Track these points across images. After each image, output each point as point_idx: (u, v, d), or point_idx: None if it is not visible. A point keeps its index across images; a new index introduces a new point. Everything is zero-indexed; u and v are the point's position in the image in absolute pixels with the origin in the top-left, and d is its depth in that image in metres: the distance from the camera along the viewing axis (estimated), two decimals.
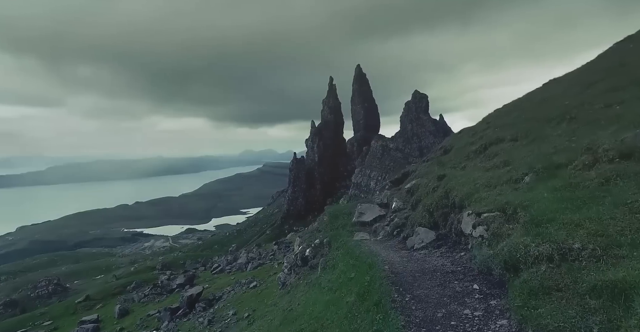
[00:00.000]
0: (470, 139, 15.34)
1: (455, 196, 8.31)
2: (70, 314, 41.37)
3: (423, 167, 15.39)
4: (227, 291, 29.94)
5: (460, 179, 9.32)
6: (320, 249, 12.54)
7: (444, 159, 14.68)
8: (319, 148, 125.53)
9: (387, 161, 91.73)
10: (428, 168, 14.43)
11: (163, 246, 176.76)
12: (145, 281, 45.38)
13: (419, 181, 12.60)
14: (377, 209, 13.71)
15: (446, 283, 6.02)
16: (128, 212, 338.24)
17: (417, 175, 14.46)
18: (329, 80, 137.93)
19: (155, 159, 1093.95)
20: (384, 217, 12.91)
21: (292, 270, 13.74)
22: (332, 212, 15.81)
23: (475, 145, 13.29)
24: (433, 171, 13.09)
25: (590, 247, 4.40)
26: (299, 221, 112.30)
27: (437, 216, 8.92)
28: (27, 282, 70.99)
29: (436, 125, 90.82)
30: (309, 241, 13.62)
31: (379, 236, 10.96)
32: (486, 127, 15.86)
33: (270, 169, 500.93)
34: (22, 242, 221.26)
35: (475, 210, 6.84)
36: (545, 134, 10.77)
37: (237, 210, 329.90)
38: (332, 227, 13.68)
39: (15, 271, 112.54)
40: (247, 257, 42.09)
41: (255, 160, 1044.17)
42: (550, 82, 20.60)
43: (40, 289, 61.32)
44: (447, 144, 17.86)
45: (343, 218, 14.45)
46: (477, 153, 12.27)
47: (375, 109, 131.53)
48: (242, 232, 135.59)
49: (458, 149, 15.00)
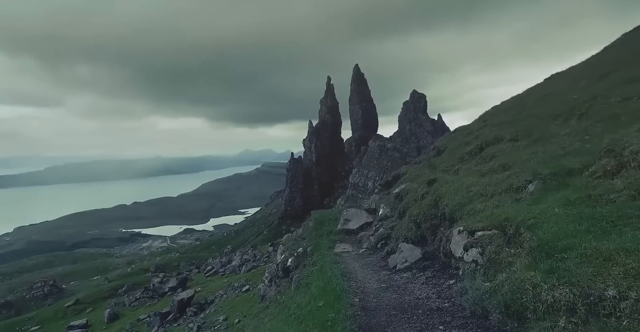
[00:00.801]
0: (465, 139, 14.10)
1: (446, 206, 7.18)
2: (59, 318, 40.42)
3: (414, 170, 14.08)
4: (219, 294, 29.16)
5: (452, 184, 8.16)
6: (303, 258, 11.52)
7: (436, 161, 13.42)
8: (316, 148, 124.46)
9: (384, 161, 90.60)
10: (419, 170, 13.22)
11: (161, 247, 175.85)
12: (138, 284, 44.41)
13: (408, 185, 11.48)
14: (364, 216, 12.79)
15: (428, 328, 4.63)
16: (126, 212, 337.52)
17: (407, 178, 13.14)
18: (327, 80, 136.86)
19: (154, 159, 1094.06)
20: (371, 225, 11.91)
21: (273, 281, 12.64)
22: (317, 217, 14.85)
23: (470, 146, 11.99)
24: (424, 174, 11.99)
25: (633, 296, 2.95)
26: (296, 222, 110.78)
27: (425, 229, 7.79)
28: (23, 283, 70.18)
29: (434, 125, 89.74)
30: (292, 249, 12.63)
31: (362, 247, 9.94)
32: (482, 126, 14.66)
33: (269, 169, 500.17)
34: (20, 242, 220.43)
35: (467, 226, 5.58)
36: (550, 133, 9.46)
37: (236, 210, 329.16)
38: (316, 234, 12.72)
39: (11, 272, 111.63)
40: (241, 259, 41.11)
41: (254, 160, 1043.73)
42: (554, 76, 19.13)
43: (36, 291, 60.48)
44: (440, 145, 16.45)
45: (329, 224, 13.49)
46: (472, 155, 10.99)
47: (373, 109, 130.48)
48: (240, 233, 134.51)
49: (452, 150, 13.67)
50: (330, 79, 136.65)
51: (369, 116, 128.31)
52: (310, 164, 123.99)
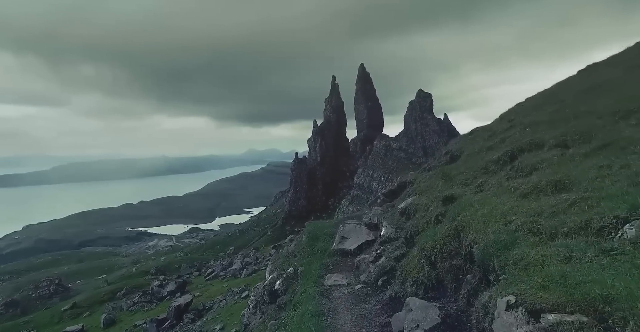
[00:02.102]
0: (486, 143, 11.76)
1: (473, 242, 5.02)
2: (56, 323, 39.89)
3: (424, 179, 11.85)
4: (218, 300, 28.58)
5: (478, 208, 6.01)
6: (293, 281, 10.08)
7: (451, 169, 11.01)
8: (321, 148, 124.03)
9: (390, 161, 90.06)
10: (430, 181, 11.02)
11: (166, 246, 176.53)
12: (137, 287, 43.96)
13: (416, 199, 9.57)
14: (364, 232, 11.01)
15: None
16: (132, 211, 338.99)
17: (415, 189, 11.11)
18: (332, 80, 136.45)
19: (159, 158, 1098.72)
20: (371, 245, 10.24)
21: (258, 308, 10.93)
22: (311, 231, 13.11)
23: (496, 152, 9.64)
24: (436, 185, 9.87)
25: None
26: (300, 222, 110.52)
27: (443, 271, 5.63)
28: (30, 282, 70.53)
29: (440, 124, 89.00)
30: (282, 268, 11.19)
31: (359, 281, 8.17)
32: (508, 127, 12.23)
33: (274, 168, 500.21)
34: (28, 241, 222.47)
35: (524, 298, 3.21)
36: (624, 137, 6.92)
37: (241, 209, 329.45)
38: (309, 251, 11.20)
39: (19, 270, 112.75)
40: (242, 262, 40.47)
41: (259, 159, 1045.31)
42: (593, 67, 16.43)
43: (42, 290, 60.77)
44: (454, 148, 13.83)
45: (323, 240, 11.80)
46: (501, 164, 8.64)
47: (378, 108, 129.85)
48: (245, 233, 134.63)
49: (470, 156, 11.36)
50: (335, 78, 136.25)
51: (374, 116, 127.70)
52: (314, 164, 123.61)
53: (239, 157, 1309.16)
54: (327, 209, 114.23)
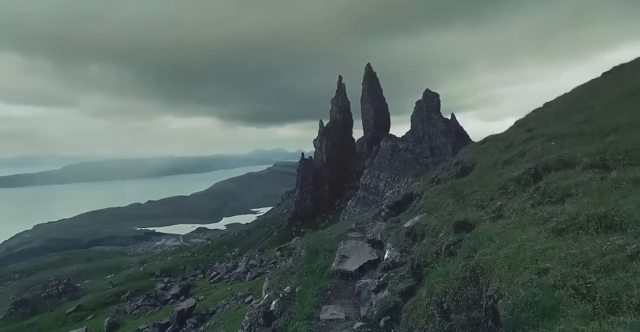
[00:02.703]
0: (502, 155, 10.22)
1: (496, 293, 4.04)
2: (60, 325, 40.07)
3: (432, 193, 10.54)
4: (221, 304, 28.32)
5: (500, 244, 4.93)
6: (290, 301, 9.27)
7: (462, 184, 9.57)
8: (327, 148, 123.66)
9: (396, 162, 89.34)
10: (439, 197, 9.68)
11: (174, 245, 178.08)
12: (141, 289, 43.90)
13: (424, 218, 8.52)
14: (367, 251, 10.09)
15: None
16: (140, 210, 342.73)
17: (423, 206, 9.73)
18: (338, 80, 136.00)
19: (166, 158, 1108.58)
20: (375, 266, 9.31)
21: (252, 330, 10.20)
22: (311, 245, 12.28)
23: (515, 168, 8.19)
24: (446, 204, 8.62)
25: None
26: (306, 223, 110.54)
27: (458, 326, 4.51)
28: (39, 281, 71.37)
29: (448, 124, 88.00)
30: (279, 286, 10.43)
31: (359, 316, 7.23)
32: (528, 138, 10.65)
33: (281, 168, 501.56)
34: (39, 240, 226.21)
35: None
36: None
37: (248, 209, 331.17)
38: (308, 269, 10.44)
39: (29, 269, 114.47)
40: (246, 265, 40.08)
41: (265, 159, 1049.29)
42: (623, 68, 14.97)
43: (51, 289, 61.34)
44: (465, 159, 12.30)
45: (324, 256, 10.97)
46: (523, 184, 7.21)
47: (385, 108, 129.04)
48: (251, 233, 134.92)
49: (484, 170, 9.85)
50: (341, 78, 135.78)
51: (381, 116, 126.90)
52: (320, 165, 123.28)
53: (245, 157, 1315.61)
54: (333, 210, 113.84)
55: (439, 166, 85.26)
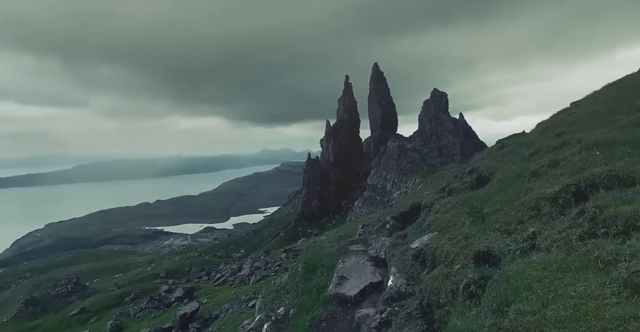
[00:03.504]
0: (528, 164, 8.63)
1: None
2: (64, 328, 40.24)
3: (443, 206, 9.11)
4: (224, 309, 27.30)
5: (545, 300, 3.54)
6: (283, 325, 8.59)
7: (479, 199, 7.90)
8: (333, 148, 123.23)
9: (404, 162, 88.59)
10: (451, 212, 8.26)
11: (182, 245, 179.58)
12: (145, 291, 43.96)
13: (435, 239, 7.26)
14: (369, 270, 9.18)
15: None
16: (149, 210, 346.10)
17: (433, 222, 8.33)
18: (345, 79, 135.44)
19: (175, 158, 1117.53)
20: (377, 289, 8.51)
21: None
22: (308, 259, 11.35)
23: (549, 184, 6.59)
24: (461, 222, 7.27)
25: None
26: (313, 223, 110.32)
27: None
28: (49, 280, 72.25)
29: (456, 124, 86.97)
30: (271, 307, 9.74)
31: None
32: (559, 144, 9.06)
33: (288, 168, 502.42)
34: (50, 239, 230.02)
35: None
36: None
37: (255, 209, 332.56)
38: (304, 288, 9.64)
39: (40, 268, 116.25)
40: (251, 267, 39.84)
41: (273, 159, 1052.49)
42: None
43: (60, 288, 61.90)
44: (481, 167, 10.61)
45: (321, 274, 10.09)
46: (561, 205, 5.71)
47: (392, 108, 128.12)
48: (258, 233, 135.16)
49: (506, 182, 8.18)
50: (348, 78, 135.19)
51: (388, 115, 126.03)
52: (327, 165, 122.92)
53: (253, 157, 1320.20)
54: (340, 210, 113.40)
55: (445, 168, 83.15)
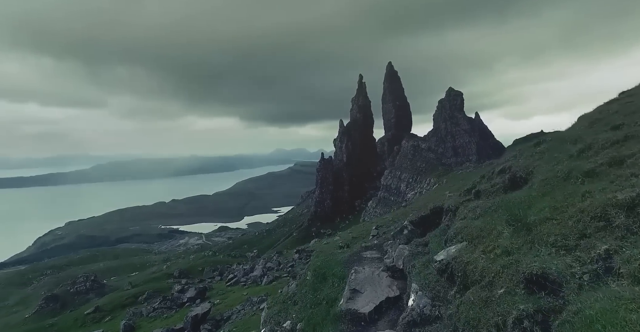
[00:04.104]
0: (578, 163, 7.09)
1: None
2: (78, 326, 41.06)
3: (471, 211, 7.62)
4: (236, 310, 27.32)
5: None
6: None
7: (519, 203, 6.44)
8: (347, 148, 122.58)
9: (418, 162, 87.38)
10: (484, 218, 6.87)
11: (196, 244, 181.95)
12: (158, 291, 44.46)
13: (465, 250, 5.98)
14: (385, 282, 8.21)
15: None
16: (165, 209, 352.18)
17: (460, 230, 6.85)
18: (359, 78, 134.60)
19: (190, 158, 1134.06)
20: (394, 305, 7.54)
21: None
22: (318, 267, 10.36)
23: (617, 187, 5.24)
24: (497, 232, 5.87)
25: None
26: (326, 224, 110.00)
27: None
28: (69, 277, 74.16)
29: (472, 123, 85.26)
30: (277, 320, 9.01)
31: None
32: (621, 138, 7.61)
33: (302, 168, 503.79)
34: (70, 236, 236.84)
35: None
36: None
37: (269, 208, 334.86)
38: (313, 300, 8.79)
39: (60, 265, 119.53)
40: (263, 267, 39.61)
41: (286, 159, 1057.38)
42: None
43: (79, 285, 63.38)
44: (515, 166, 9.09)
45: (332, 284, 9.15)
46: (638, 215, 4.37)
47: (407, 108, 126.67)
48: (271, 232, 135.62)
49: (550, 184, 6.72)
50: (362, 77, 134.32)
51: (403, 115, 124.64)
52: (340, 165, 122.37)
53: (267, 157, 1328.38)
54: (353, 211, 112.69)
55: (461, 168, 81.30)
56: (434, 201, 45.91)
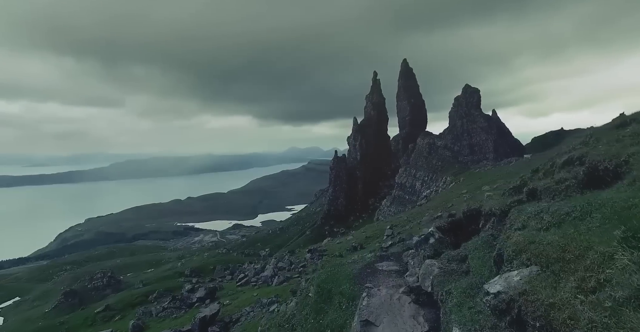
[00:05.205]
0: None
1: None
2: (88, 325, 41.35)
3: (534, 217, 5.78)
4: (245, 312, 26.12)
5: None
6: None
7: (625, 207, 4.61)
8: (361, 146, 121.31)
9: (434, 160, 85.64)
10: (561, 230, 4.93)
11: (211, 241, 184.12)
12: (169, 290, 44.55)
13: (539, 280, 4.07)
14: (408, 312, 6.23)
15: None
16: (180, 207, 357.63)
17: (522, 247, 4.86)
18: (373, 76, 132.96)
19: (205, 156, 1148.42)
20: None
21: None
22: (323, 283, 8.62)
23: None
24: (599, 256, 3.78)
25: None
26: (339, 222, 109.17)
27: None
28: (87, 273, 75.77)
29: (489, 121, 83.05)
30: None
31: None
32: None
33: (315, 166, 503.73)
34: (89, 233, 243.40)
35: None
36: None
37: (283, 206, 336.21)
38: (314, 327, 7.28)
39: (79, 261, 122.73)
40: (274, 267, 38.89)
41: (300, 157, 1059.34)
42: None
43: (96, 281, 64.48)
44: (591, 156, 7.24)
45: (339, 306, 7.52)
46: None
47: (422, 105, 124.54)
48: (285, 230, 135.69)
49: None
50: (376, 74, 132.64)
51: (417, 113, 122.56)
52: (354, 163, 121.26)
53: (281, 155, 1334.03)
54: (367, 209, 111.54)
55: (478, 166, 79.01)
56: (452, 200, 43.65)
